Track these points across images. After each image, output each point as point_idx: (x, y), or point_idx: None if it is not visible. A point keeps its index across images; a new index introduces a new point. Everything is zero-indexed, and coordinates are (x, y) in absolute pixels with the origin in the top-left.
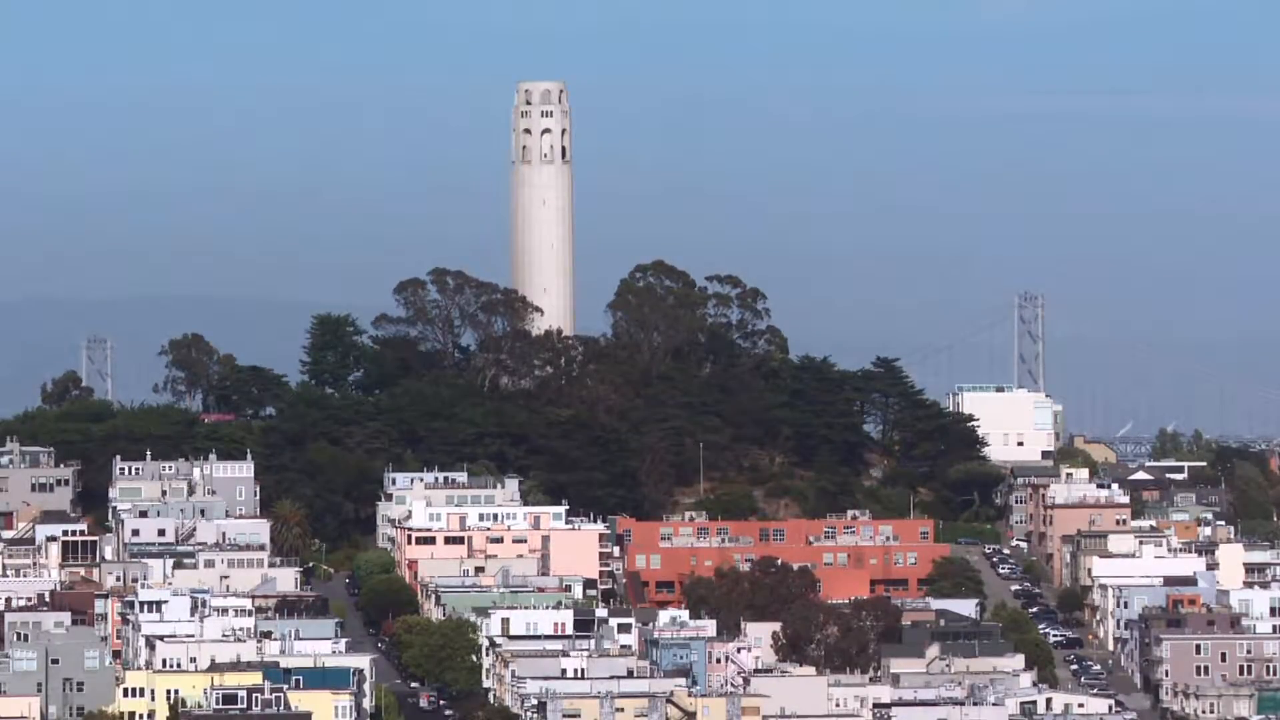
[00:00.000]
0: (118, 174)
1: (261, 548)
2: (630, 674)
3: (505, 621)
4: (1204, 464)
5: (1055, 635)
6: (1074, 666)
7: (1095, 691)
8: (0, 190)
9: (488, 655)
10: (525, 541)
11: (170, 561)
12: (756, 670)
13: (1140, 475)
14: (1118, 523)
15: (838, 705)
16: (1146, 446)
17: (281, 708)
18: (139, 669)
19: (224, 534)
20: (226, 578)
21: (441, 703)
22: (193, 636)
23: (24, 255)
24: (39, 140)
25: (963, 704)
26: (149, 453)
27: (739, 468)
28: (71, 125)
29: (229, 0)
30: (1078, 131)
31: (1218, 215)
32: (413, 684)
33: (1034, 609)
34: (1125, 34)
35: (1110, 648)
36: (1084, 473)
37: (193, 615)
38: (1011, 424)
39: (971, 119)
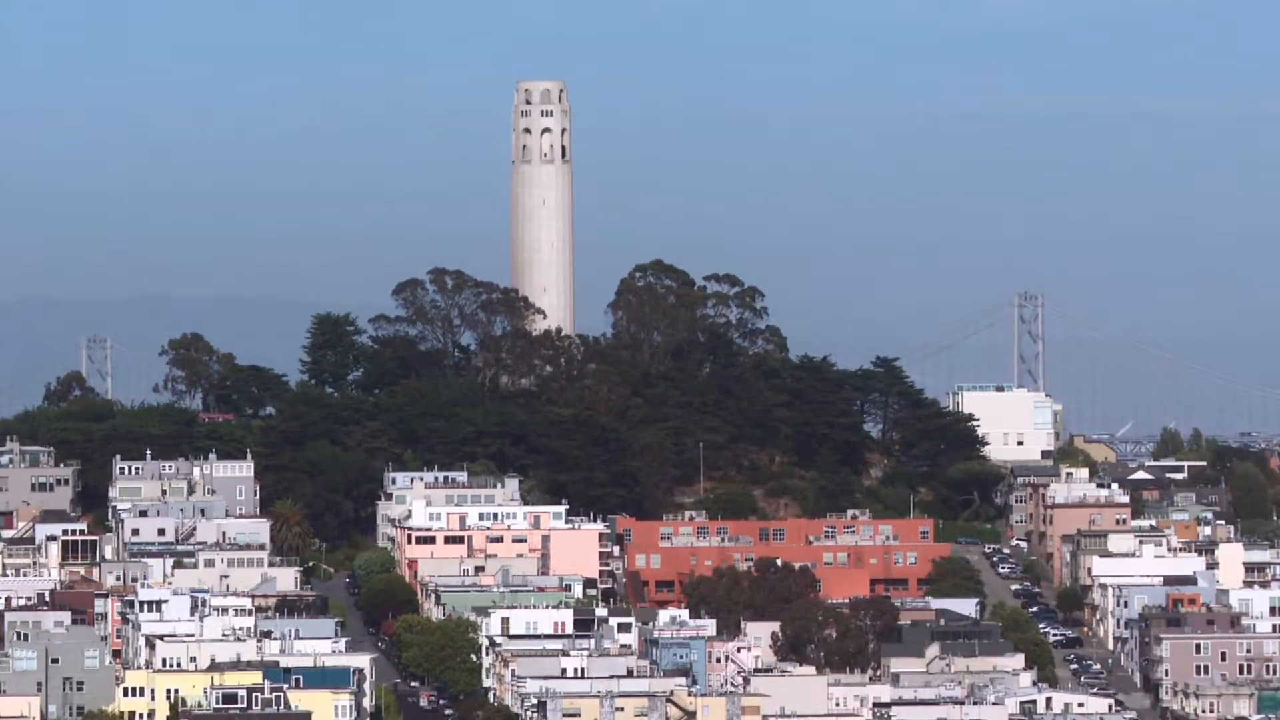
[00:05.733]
0: (118, 174)
1: (261, 547)
2: (630, 673)
3: (505, 621)
4: (1204, 464)
5: (1055, 635)
6: (1074, 666)
7: (1095, 691)
8: (1, 190)
9: (488, 655)
10: (525, 541)
11: (170, 561)
12: (756, 670)
13: (1140, 475)
14: (1118, 522)
15: (838, 705)
16: (1146, 446)
17: (281, 707)
18: (139, 668)
19: (224, 533)
20: (226, 577)
21: (441, 702)
22: (193, 636)
23: (24, 255)
24: (39, 140)
25: (963, 703)
26: (149, 452)
27: (739, 467)
28: (71, 125)
29: (229, 0)
30: (1078, 131)
31: (1218, 215)
32: (413, 684)
33: (1034, 608)
34: (1126, 34)
35: (1110, 647)
36: (1084, 472)
37: (193, 615)
38: (1011, 424)
39: (972, 119)
